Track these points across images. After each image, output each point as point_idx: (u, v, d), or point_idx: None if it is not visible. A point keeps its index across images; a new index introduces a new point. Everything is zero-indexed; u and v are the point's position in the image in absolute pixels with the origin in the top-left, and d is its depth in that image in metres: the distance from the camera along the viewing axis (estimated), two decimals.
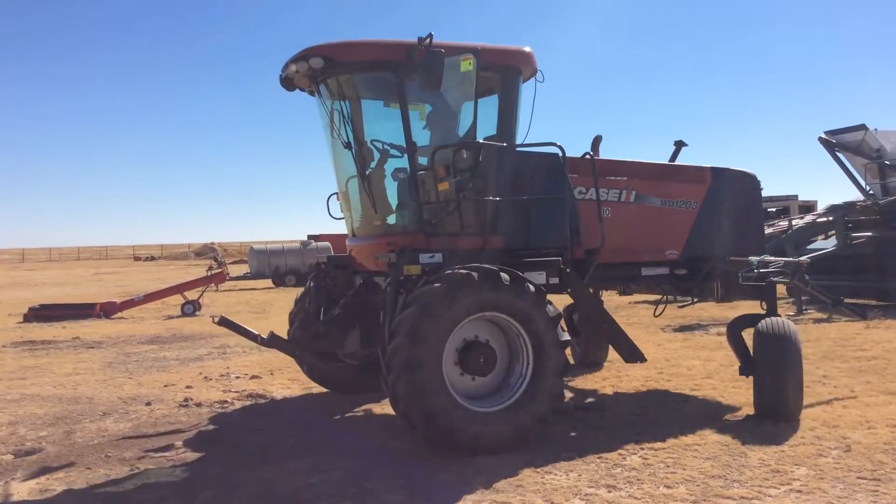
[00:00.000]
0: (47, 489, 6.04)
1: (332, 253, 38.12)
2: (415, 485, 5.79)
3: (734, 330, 8.06)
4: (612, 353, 11.24)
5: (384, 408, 8.54)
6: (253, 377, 10.60)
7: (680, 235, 8.53)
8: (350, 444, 7.07)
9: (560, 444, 6.80)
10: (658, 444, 6.67)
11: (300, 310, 8.86)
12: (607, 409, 8.19)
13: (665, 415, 7.85)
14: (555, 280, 7.39)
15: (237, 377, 10.70)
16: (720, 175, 8.76)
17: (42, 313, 19.99)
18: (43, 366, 12.27)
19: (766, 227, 20.55)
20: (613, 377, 9.87)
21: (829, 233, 19.23)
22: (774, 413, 7.34)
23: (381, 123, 7.86)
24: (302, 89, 8.05)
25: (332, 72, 7.45)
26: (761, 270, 8.40)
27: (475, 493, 5.58)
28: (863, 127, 19.96)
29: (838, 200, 20.08)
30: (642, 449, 6.57)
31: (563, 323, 7.13)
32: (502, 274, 6.63)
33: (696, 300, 9.79)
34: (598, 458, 6.35)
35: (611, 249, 7.86)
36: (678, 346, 12.33)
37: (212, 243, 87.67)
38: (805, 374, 9.35)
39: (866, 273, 16.74)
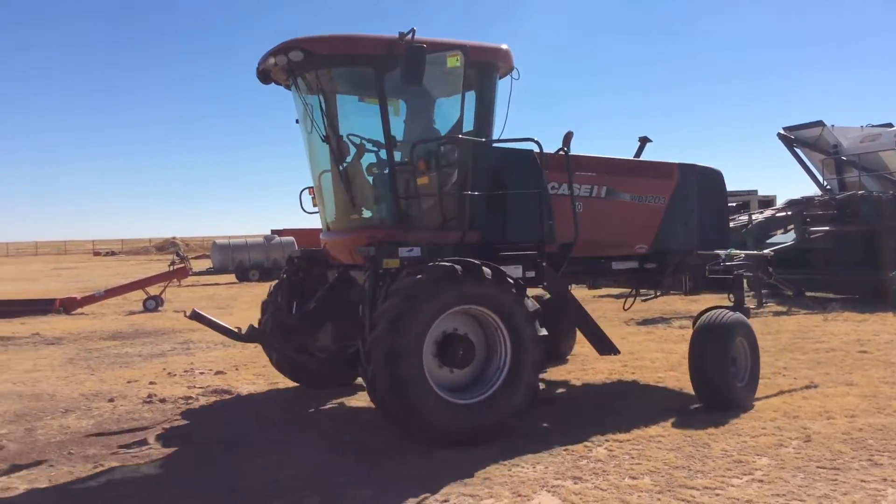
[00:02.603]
0: (9, 487, 5.94)
1: (297, 248, 38.08)
2: (383, 479, 5.81)
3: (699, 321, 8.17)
4: (578, 347, 11.37)
5: (351, 402, 8.55)
6: (217, 373, 10.51)
7: (649, 230, 8.67)
8: (317, 439, 7.06)
9: (526, 436, 6.84)
10: (623, 436, 6.75)
11: (271, 301, 8.85)
12: (573, 402, 8.27)
13: (629, 407, 7.94)
14: (531, 274, 7.47)
15: (201, 373, 10.61)
16: (687, 171, 8.95)
17: None
18: (2, 362, 12.04)
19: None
20: (578, 370, 9.96)
21: (788, 227, 19.60)
22: (713, 404, 7.61)
23: (359, 118, 7.87)
24: (278, 83, 8.03)
25: (311, 65, 7.42)
26: (727, 264, 8.61)
27: (444, 486, 5.60)
28: (820, 123, 20.36)
29: (797, 195, 20.47)
30: (608, 441, 6.64)
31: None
32: (484, 268, 6.67)
33: (659, 294, 9.95)
34: (565, 450, 6.41)
35: (582, 243, 7.94)
36: (642, 339, 12.46)
37: (173, 238, 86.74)
38: (765, 365, 9.52)
39: (823, 266, 17.08)
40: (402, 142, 7.57)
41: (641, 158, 9.22)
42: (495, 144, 7.80)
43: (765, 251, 9.82)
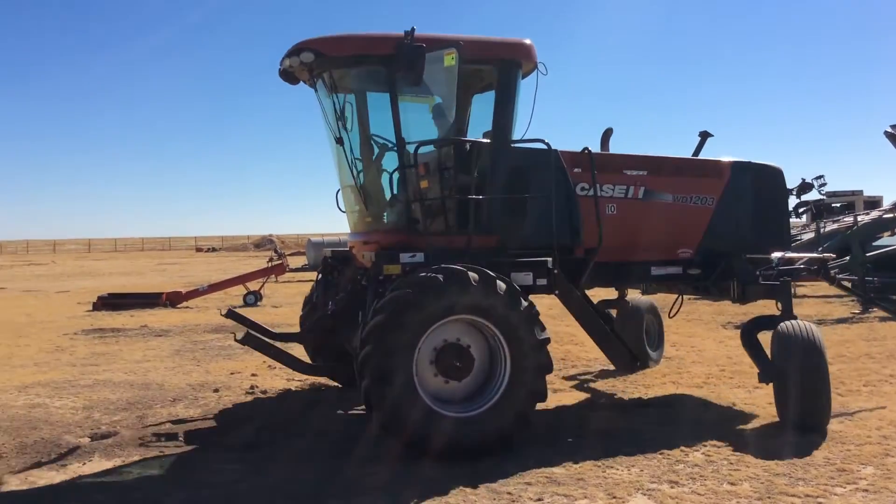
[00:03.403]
0: (123, 471, 6.30)
1: None
2: (476, 475, 5.87)
3: (750, 333, 7.68)
4: (674, 350, 11.23)
5: None
6: None
7: (694, 233, 8.22)
8: None
9: (621, 439, 6.83)
10: (721, 441, 6.64)
11: (309, 301, 8.94)
12: (669, 406, 8.17)
13: (728, 412, 7.81)
14: (542, 281, 7.14)
15: None
16: (741, 169, 8.46)
17: (110, 302, 20.55)
18: (113, 353, 12.67)
19: (830, 223, 20.13)
20: (674, 374, 9.81)
21: None
22: (800, 424, 6.89)
23: (378, 118, 7.67)
24: (305, 82, 7.94)
25: (324, 66, 7.36)
26: (781, 268, 7.97)
27: (536, 484, 5.67)
28: None
29: None
30: (705, 446, 6.54)
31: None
32: (470, 274, 6.39)
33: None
34: (660, 453, 6.36)
35: (616, 248, 7.71)
36: (739, 344, 12.13)
37: (270, 235, 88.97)
38: (871, 373, 9.22)
39: None
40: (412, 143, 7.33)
41: (700, 155, 8.85)
42: (513, 145, 7.48)
43: (825, 254, 8.96)
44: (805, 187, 17.53)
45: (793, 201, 16.05)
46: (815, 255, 8.98)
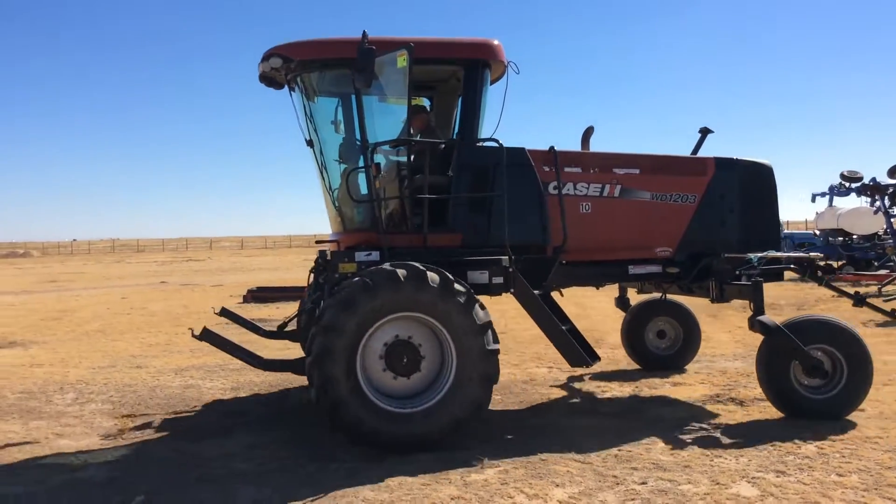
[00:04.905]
0: (261, 445, 6.91)
1: None
2: (584, 457, 6.13)
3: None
4: None
5: (561, 390, 8.88)
6: None
7: (674, 231, 8.11)
8: (524, 419, 7.48)
9: (734, 431, 6.89)
10: (837, 436, 6.58)
11: (301, 301, 9.22)
12: None
13: None
14: (498, 280, 7.12)
15: None
16: (725, 166, 8.28)
17: (259, 295, 21.84)
18: (259, 340, 13.54)
19: None
20: None
21: None
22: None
23: (350, 121, 7.74)
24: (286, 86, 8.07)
25: (294, 70, 7.53)
26: (764, 268, 7.75)
27: (642, 469, 5.84)
28: None
29: None
30: (820, 440, 6.49)
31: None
32: (430, 274, 6.42)
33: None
34: (772, 445, 6.37)
35: (590, 247, 7.73)
36: (878, 342, 11.68)
37: None
38: None
39: None
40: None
41: (700, 153, 8.69)
42: (477, 144, 7.56)
43: (812, 254, 8.54)
44: None
45: None
46: (800, 254, 8.67)
